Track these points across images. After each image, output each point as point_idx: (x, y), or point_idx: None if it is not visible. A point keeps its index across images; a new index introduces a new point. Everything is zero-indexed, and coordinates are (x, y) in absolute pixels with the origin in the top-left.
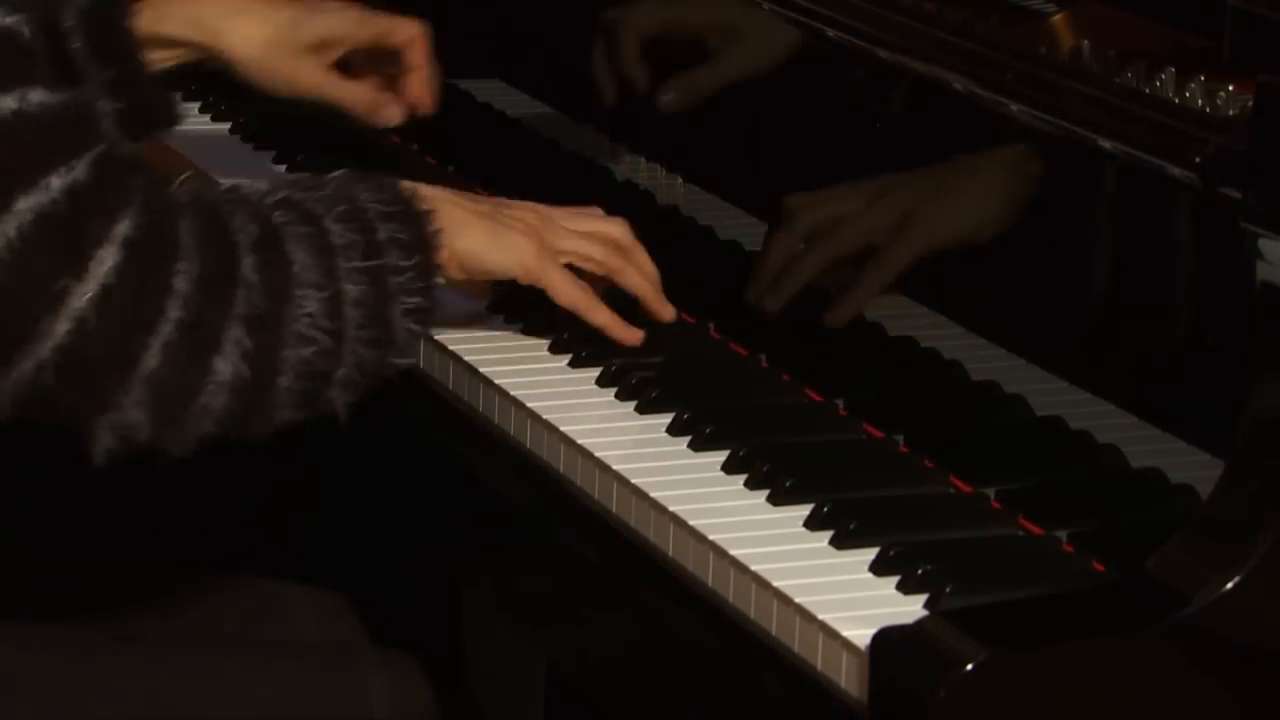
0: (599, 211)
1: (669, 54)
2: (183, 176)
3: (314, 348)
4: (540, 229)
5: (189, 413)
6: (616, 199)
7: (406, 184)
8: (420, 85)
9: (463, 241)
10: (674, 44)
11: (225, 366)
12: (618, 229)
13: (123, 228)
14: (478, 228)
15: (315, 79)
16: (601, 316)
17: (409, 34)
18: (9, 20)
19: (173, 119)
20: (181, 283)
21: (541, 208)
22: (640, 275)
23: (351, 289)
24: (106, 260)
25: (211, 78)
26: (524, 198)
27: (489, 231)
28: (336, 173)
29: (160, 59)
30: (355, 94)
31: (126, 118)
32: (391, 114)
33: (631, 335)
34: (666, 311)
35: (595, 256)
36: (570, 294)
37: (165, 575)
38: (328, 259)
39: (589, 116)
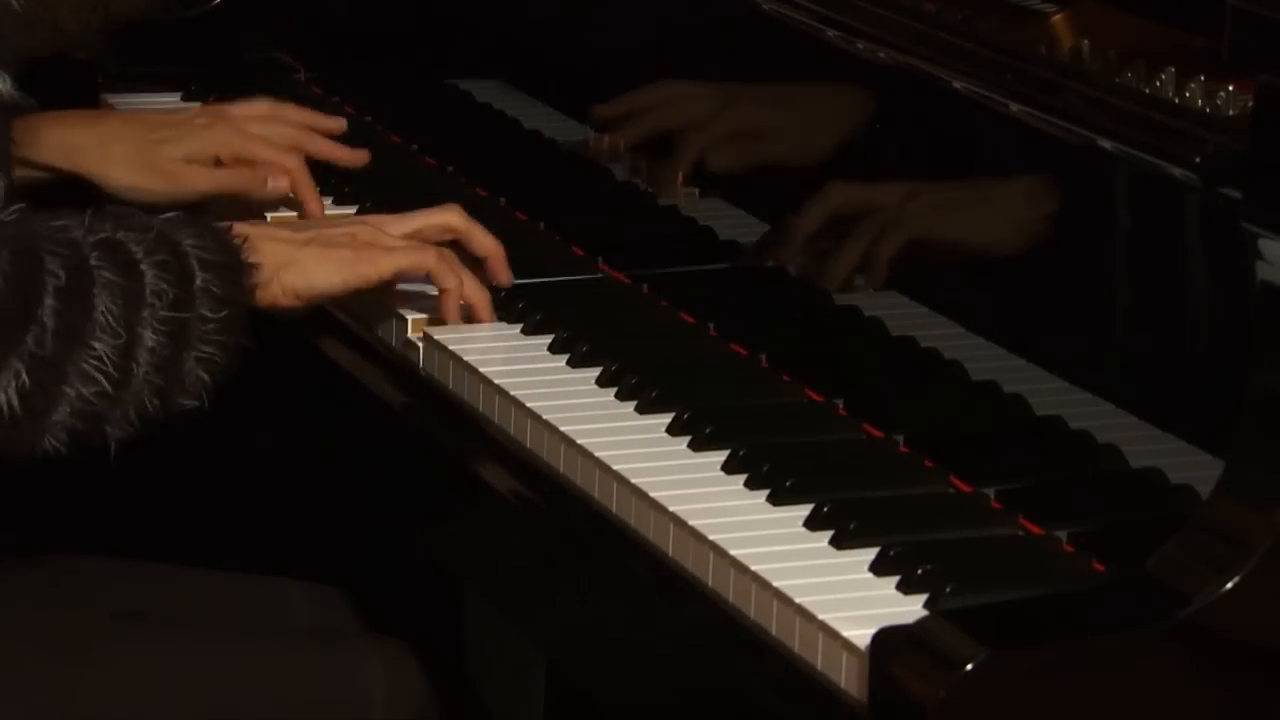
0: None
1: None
2: (15, 207)
3: (95, 388)
4: (364, 235)
5: None
6: (616, 199)
7: (239, 228)
8: (348, 157)
9: (290, 275)
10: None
11: None
12: (448, 216)
13: None
14: (301, 256)
15: (189, 180)
16: (450, 281)
17: (285, 166)
18: None
19: None
20: None
21: (370, 219)
22: (472, 282)
23: (149, 337)
24: None
25: (212, 78)
26: (524, 198)
27: (313, 257)
28: (170, 215)
29: (28, 176)
30: (234, 179)
31: None
32: (278, 184)
33: (455, 314)
34: (488, 316)
35: (428, 264)
36: (409, 265)
37: (163, 572)
38: (132, 308)
39: (589, 116)
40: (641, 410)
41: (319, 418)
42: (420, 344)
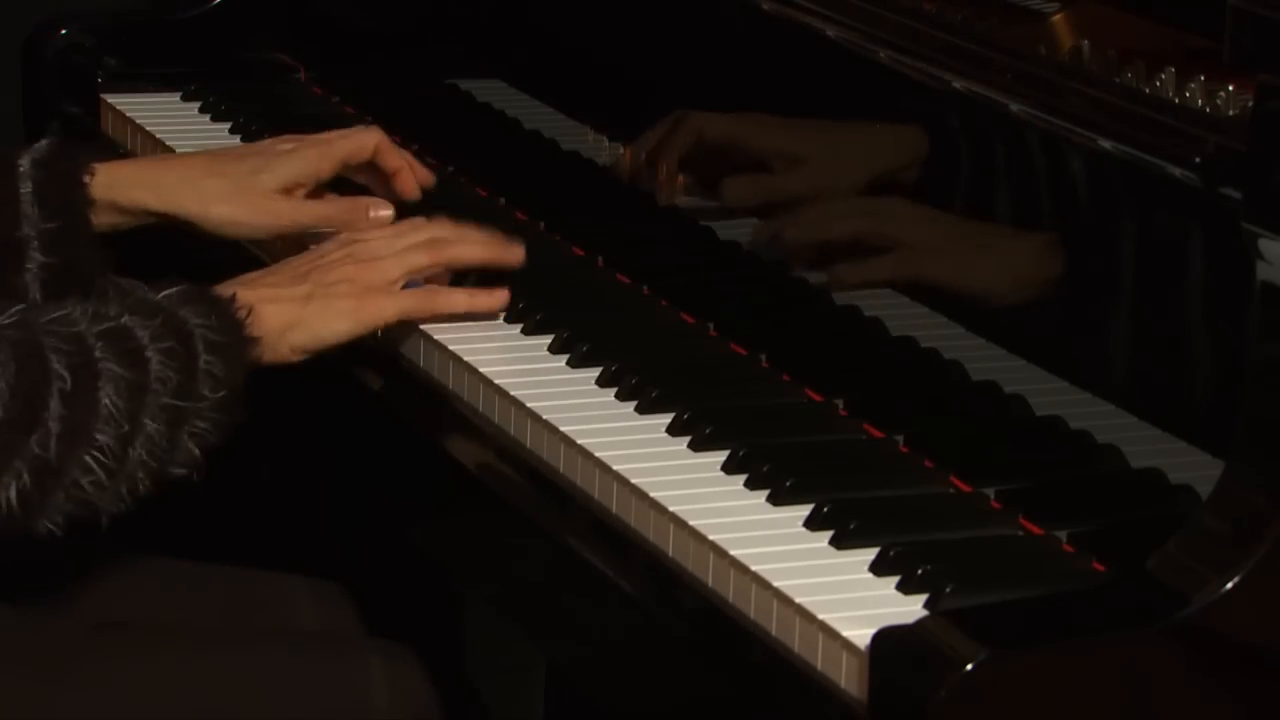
0: (417, 222)
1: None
2: (15, 308)
3: (92, 478)
4: (361, 276)
5: None
6: (617, 199)
7: (243, 297)
8: (408, 183)
9: (297, 335)
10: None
11: None
12: (435, 229)
13: None
14: (306, 315)
15: (290, 214)
16: (456, 300)
17: (369, 146)
18: None
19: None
20: None
21: (356, 246)
22: (472, 245)
23: (149, 425)
24: None
25: (212, 78)
26: (524, 198)
27: (318, 313)
28: (174, 290)
29: (114, 222)
30: (334, 210)
31: (52, 272)
32: (380, 213)
33: (489, 300)
34: (515, 254)
35: (421, 263)
36: (414, 310)
37: (163, 566)
38: (136, 399)
39: (589, 117)
40: (642, 410)
41: (315, 417)
42: (420, 343)
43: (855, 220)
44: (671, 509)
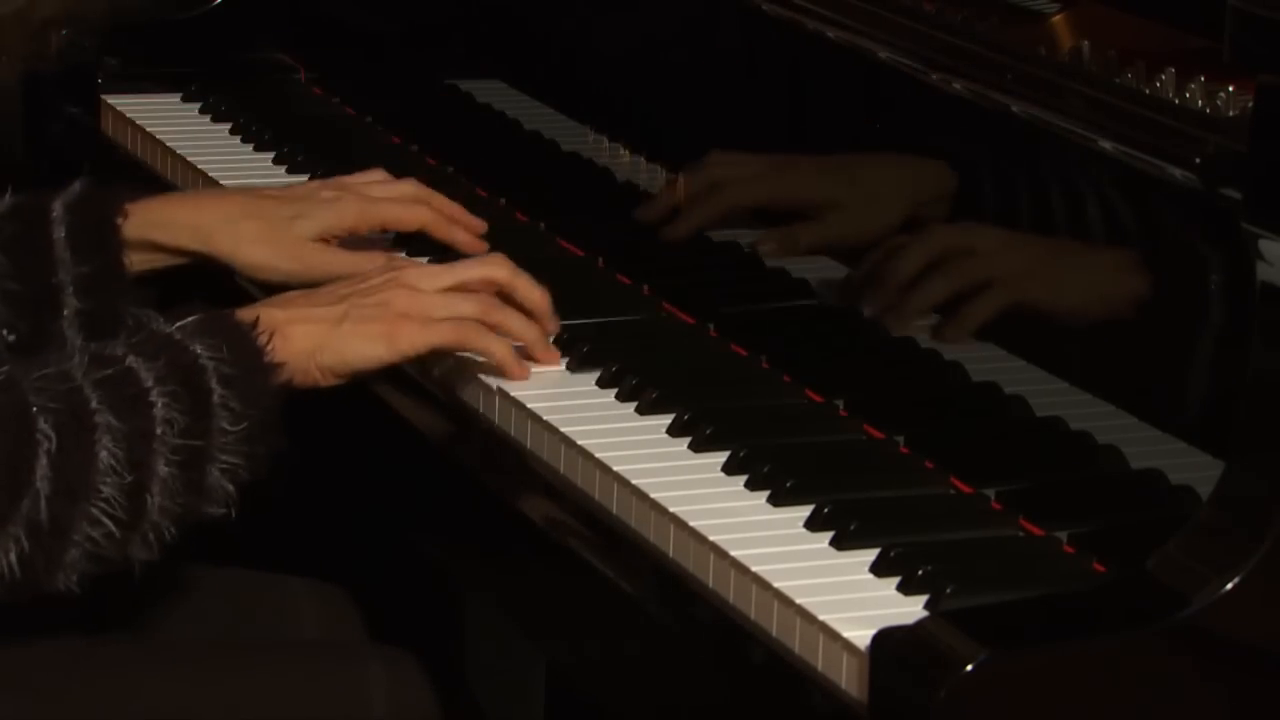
0: (470, 261)
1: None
2: (2, 370)
3: (104, 530)
4: (398, 302)
5: None
6: (617, 199)
7: (267, 318)
8: (470, 245)
9: (326, 357)
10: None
11: None
12: (492, 269)
13: None
14: (336, 337)
15: (322, 264)
16: (495, 348)
17: (413, 225)
18: None
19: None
20: None
21: (406, 274)
22: (519, 322)
23: (162, 469)
24: None
25: (212, 78)
26: (524, 198)
27: (348, 335)
28: (190, 319)
29: (150, 262)
30: (364, 266)
31: (89, 318)
32: None
33: (520, 371)
34: (550, 358)
35: (467, 312)
36: (449, 344)
37: (164, 570)
38: (140, 446)
39: (589, 117)
40: (642, 411)
41: (315, 422)
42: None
43: (860, 219)
44: (672, 510)
